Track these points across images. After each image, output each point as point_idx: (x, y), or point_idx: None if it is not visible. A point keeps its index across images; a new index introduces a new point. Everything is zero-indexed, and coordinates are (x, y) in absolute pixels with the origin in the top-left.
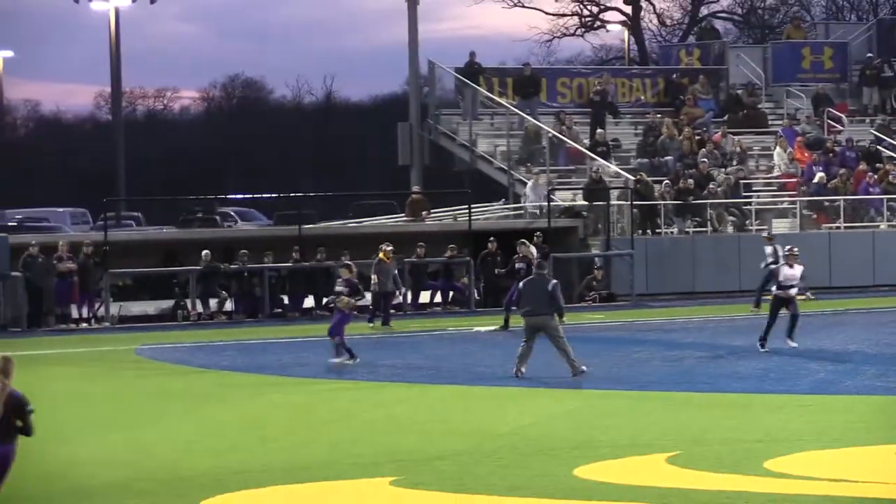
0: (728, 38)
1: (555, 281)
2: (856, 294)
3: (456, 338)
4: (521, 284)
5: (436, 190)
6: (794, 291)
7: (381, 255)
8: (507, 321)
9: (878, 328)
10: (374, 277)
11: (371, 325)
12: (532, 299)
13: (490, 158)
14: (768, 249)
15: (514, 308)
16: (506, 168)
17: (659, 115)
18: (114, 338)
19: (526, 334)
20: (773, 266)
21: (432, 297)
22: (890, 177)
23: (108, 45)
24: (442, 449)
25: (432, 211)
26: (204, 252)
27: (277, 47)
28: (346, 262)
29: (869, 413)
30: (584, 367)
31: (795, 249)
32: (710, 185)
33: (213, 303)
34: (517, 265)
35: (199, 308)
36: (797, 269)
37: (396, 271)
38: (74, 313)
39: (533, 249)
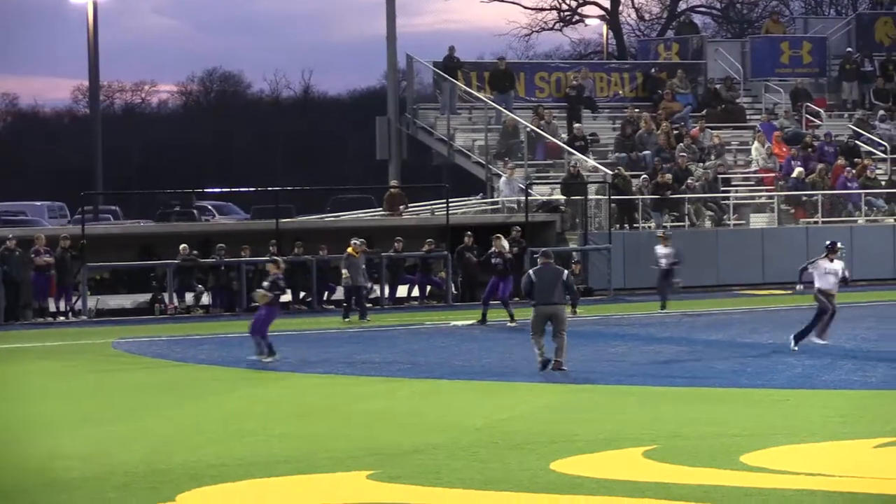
0: (706, 32)
1: (567, 270)
2: None
3: (433, 332)
4: (533, 274)
5: (413, 184)
6: (834, 288)
7: (350, 249)
8: (484, 315)
9: (855, 323)
10: (343, 272)
11: (347, 320)
12: (547, 288)
13: (468, 153)
14: (662, 250)
15: (492, 302)
16: (483, 162)
17: (637, 110)
18: (91, 331)
19: (534, 326)
20: (809, 264)
21: (409, 291)
22: (868, 172)
23: (86, 38)
24: (419, 443)
25: (410, 205)
26: (182, 246)
27: (255, 41)
28: (274, 256)
29: (846, 407)
30: (566, 368)
31: (840, 244)
32: (688, 180)
33: (189, 297)
34: (493, 260)
35: (176, 302)
36: (838, 265)
37: (364, 265)
38: (52, 307)
39: (505, 243)
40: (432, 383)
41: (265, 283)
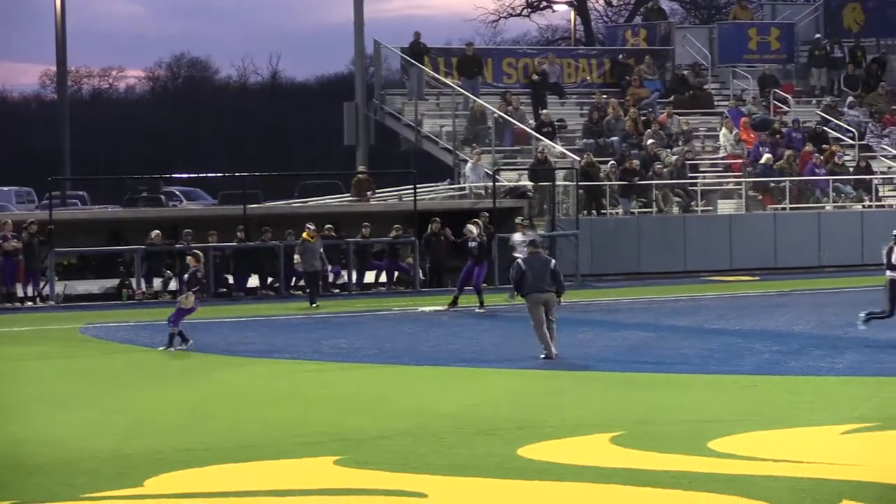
0: (674, 18)
1: (554, 260)
2: (801, 275)
3: (400, 318)
4: (523, 263)
5: (381, 170)
6: None
7: (305, 234)
8: (456, 299)
9: (822, 309)
10: (296, 258)
11: (314, 305)
12: (538, 276)
13: (435, 138)
14: (520, 238)
15: (468, 287)
16: (451, 148)
17: (605, 96)
18: (59, 316)
19: (533, 315)
20: (889, 250)
21: (377, 277)
22: (836, 158)
23: (53, 23)
24: (386, 428)
25: (377, 191)
26: (155, 232)
27: (223, 27)
28: (195, 250)
29: (813, 394)
30: (556, 352)
31: None
32: (656, 166)
33: (157, 282)
34: (470, 244)
35: (144, 287)
36: None
37: (322, 249)
38: (19, 292)
39: (473, 228)
40: (399, 369)
41: (185, 277)
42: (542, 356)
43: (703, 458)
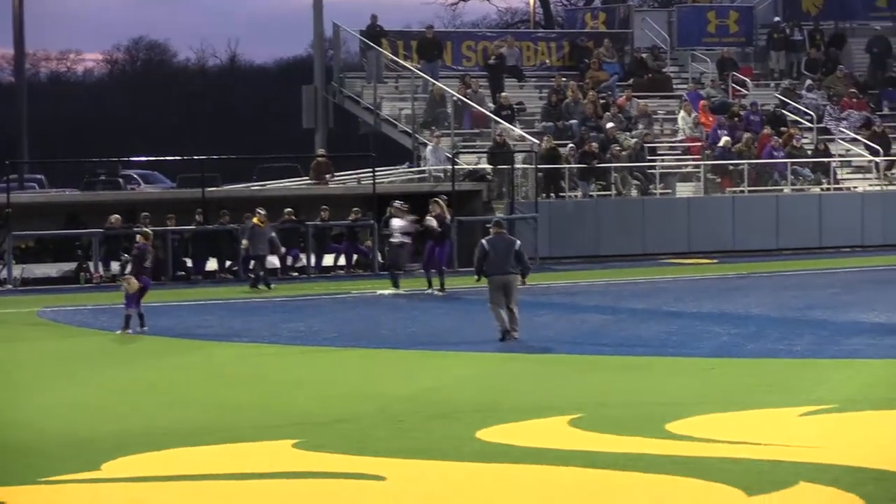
0: (633, 1)
1: (519, 241)
2: (759, 258)
3: (359, 301)
4: (486, 244)
5: (340, 153)
6: None
7: (255, 219)
8: (430, 282)
9: (781, 292)
10: (244, 242)
11: (270, 287)
12: (501, 258)
13: (394, 122)
14: (398, 223)
15: (433, 270)
16: (410, 131)
17: (564, 79)
18: (16, 300)
19: (493, 296)
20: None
21: (336, 260)
22: (794, 141)
23: (10, 6)
24: (344, 412)
25: (336, 174)
26: (114, 216)
27: (181, 10)
28: (144, 229)
29: (770, 376)
30: (517, 336)
31: None
32: (615, 149)
33: (115, 265)
34: (428, 220)
35: (102, 271)
36: None
37: (273, 234)
38: None
39: (435, 208)
40: (358, 352)
41: (126, 256)
42: (499, 338)
43: (661, 441)
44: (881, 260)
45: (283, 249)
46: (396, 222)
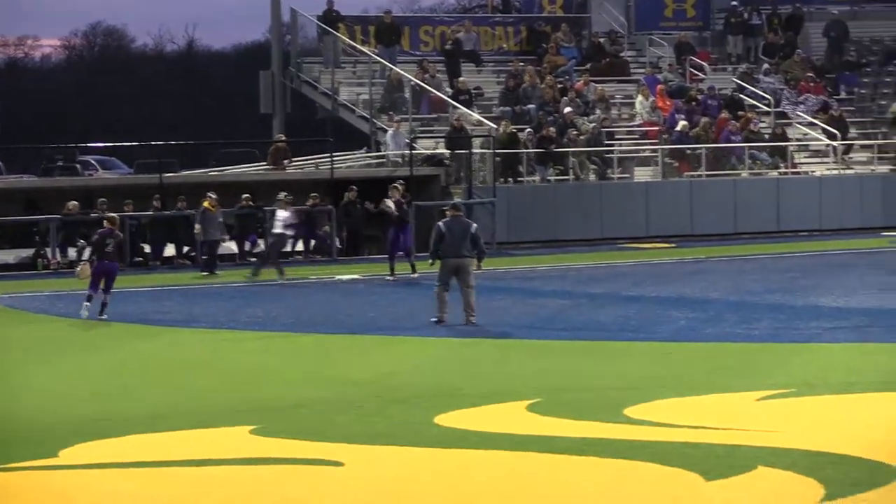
0: None
1: (475, 224)
2: (717, 242)
3: (317, 287)
4: (443, 226)
5: (298, 138)
6: None
7: (206, 203)
8: (392, 269)
9: (739, 276)
10: (197, 227)
11: (214, 273)
12: (456, 241)
13: (352, 107)
14: (283, 214)
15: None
16: (368, 116)
17: (521, 64)
18: None
19: (442, 277)
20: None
21: (293, 245)
22: (751, 125)
23: None
24: (303, 397)
25: (294, 159)
26: (72, 203)
27: None
28: (111, 214)
29: (729, 360)
30: (475, 320)
31: None
32: (573, 133)
33: (72, 252)
34: (386, 203)
35: (59, 257)
36: None
37: (222, 219)
38: None
39: (393, 193)
40: (316, 338)
41: (82, 242)
42: (434, 319)
43: (620, 425)
44: (839, 244)
45: (226, 237)
46: (280, 213)
